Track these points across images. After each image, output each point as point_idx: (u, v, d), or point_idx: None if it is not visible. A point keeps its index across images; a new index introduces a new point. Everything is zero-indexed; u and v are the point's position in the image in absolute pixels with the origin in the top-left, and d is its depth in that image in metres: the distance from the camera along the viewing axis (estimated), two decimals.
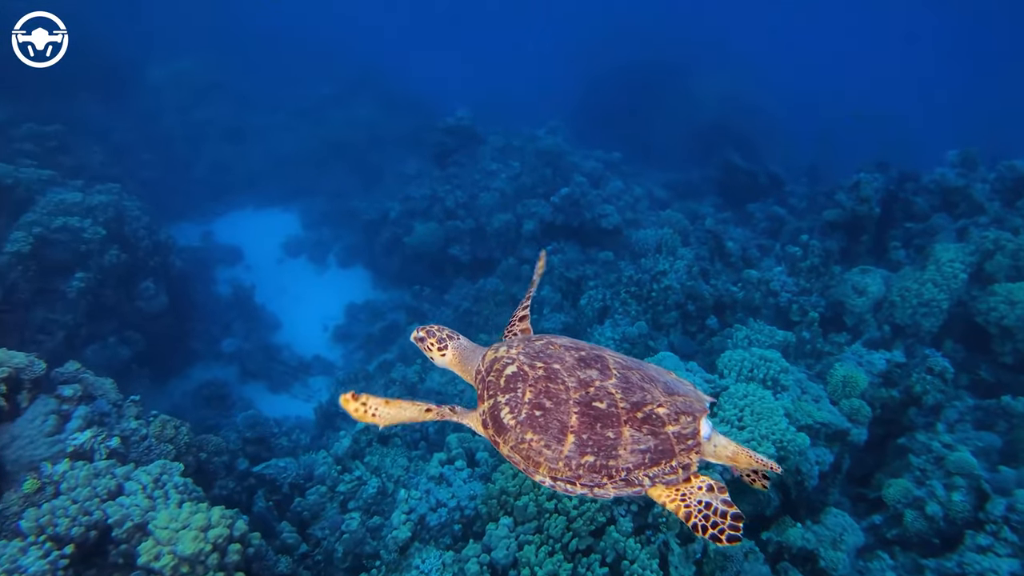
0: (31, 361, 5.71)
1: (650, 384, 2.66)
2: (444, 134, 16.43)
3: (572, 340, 2.92)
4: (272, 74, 23.88)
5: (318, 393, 13.78)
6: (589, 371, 2.65)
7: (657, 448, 2.48)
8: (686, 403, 2.63)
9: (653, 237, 12.28)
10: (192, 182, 19.44)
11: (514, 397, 2.64)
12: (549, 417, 2.54)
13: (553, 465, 2.51)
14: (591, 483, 2.49)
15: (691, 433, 2.55)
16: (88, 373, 6.56)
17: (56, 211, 11.35)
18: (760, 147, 21.28)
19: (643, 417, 2.52)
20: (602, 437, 2.48)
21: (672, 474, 2.49)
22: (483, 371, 2.89)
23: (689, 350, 10.84)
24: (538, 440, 2.53)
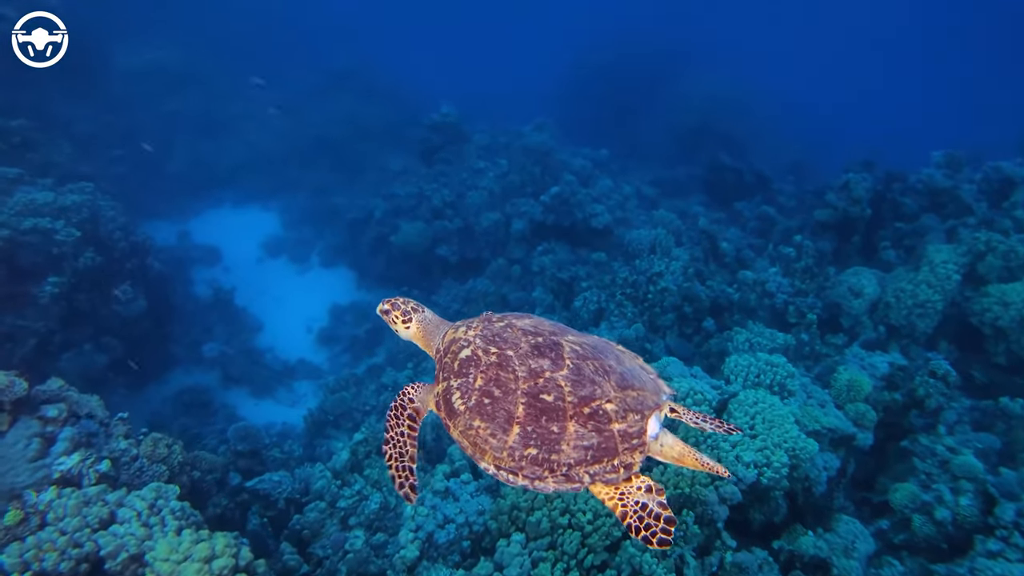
0: (11, 381, 5.32)
1: (603, 377, 2.57)
2: (429, 131, 16.08)
3: (535, 322, 2.83)
4: (247, 66, 23.13)
5: (303, 398, 13.45)
6: (541, 360, 2.59)
7: (600, 446, 2.44)
8: (638, 399, 2.56)
9: (647, 238, 12.16)
10: (166, 178, 18.77)
11: (466, 382, 2.63)
12: (497, 406, 2.52)
13: (497, 454, 2.50)
14: (532, 475, 2.46)
15: (637, 432, 2.49)
16: (72, 391, 6.17)
17: (25, 212, 10.79)
18: (744, 145, 21.35)
19: (589, 413, 2.46)
20: (546, 431, 2.45)
21: (613, 473, 2.44)
22: (442, 351, 2.88)
23: (686, 352, 10.75)
24: (485, 428, 2.52)
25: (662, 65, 25.86)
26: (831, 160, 21.25)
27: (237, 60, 22.88)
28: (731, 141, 21.36)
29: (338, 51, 25.56)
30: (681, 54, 27.58)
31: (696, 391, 7.11)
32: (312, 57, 24.81)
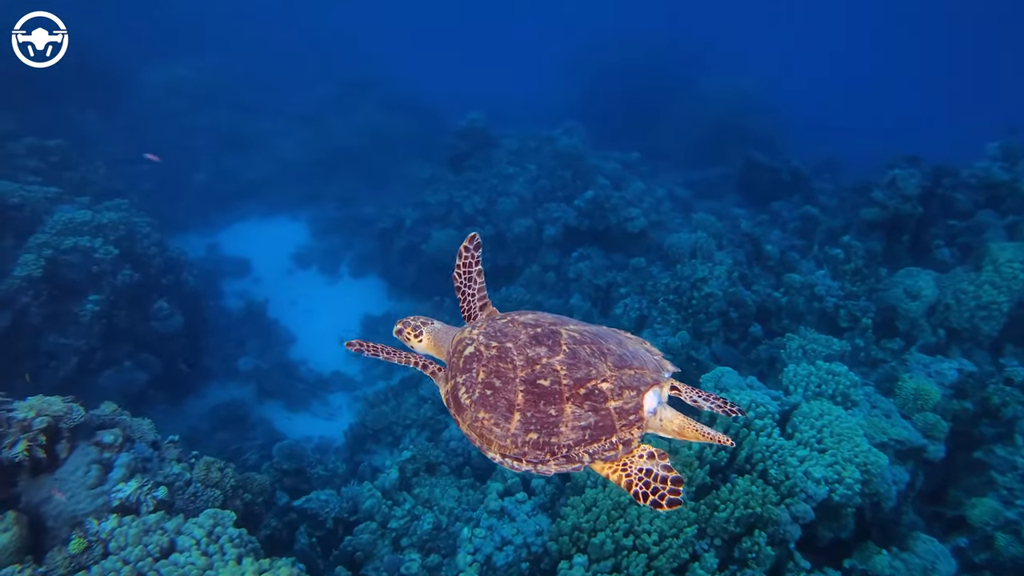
0: (69, 408, 5.21)
1: (599, 358, 2.62)
2: (457, 137, 15.92)
3: (537, 316, 2.90)
4: (270, 78, 23.22)
5: (339, 411, 13.33)
6: (538, 348, 2.64)
7: (597, 424, 2.48)
8: (634, 377, 2.59)
9: (687, 242, 11.89)
10: (193, 192, 18.83)
11: (470, 377, 2.71)
12: (498, 396, 2.59)
13: (502, 443, 2.56)
14: (535, 460, 2.52)
15: (633, 408, 2.52)
16: (125, 414, 6.07)
17: (66, 231, 10.80)
18: (771, 142, 20.91)
19: (585, 393, 2.51)
20: (545, 415, 2.50)
21: (612, 450, 2.47)
22: (450, 352, 2.97)
23: (732, 359, 10.46)
24: (489, 418, 2.59)
25: (682, 62, 25.56)
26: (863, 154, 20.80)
27: (259, 73, 22.98)
28: (758, 139, 20.94)
29: (355, 61, 25.59)
30: (700, 51, 27.31)
31: (757, 403, 6.83)
32: (330, 68, 24.83)
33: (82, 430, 5.43)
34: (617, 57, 25.33)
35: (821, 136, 23.07)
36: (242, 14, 26.78)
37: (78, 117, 16.65)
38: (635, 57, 25.15)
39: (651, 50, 25.50)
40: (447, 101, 22.59)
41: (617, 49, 25.88)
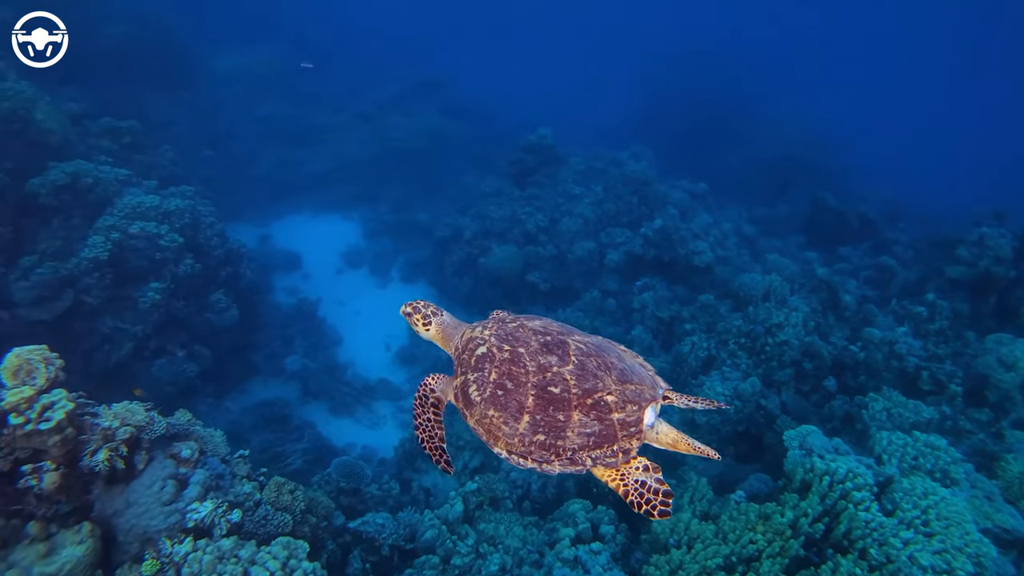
0: (151, 418, 4.98)
1: (605, 372, 2.80)
2: (524, 152, 15.62)
3: (545, 323, 3.07)
4: (336, 72, 23.22)
5: (383, 420, 13.08)
6: (550, 357, 2.82)
7: (601, 433, 2.66)
8: (636, 392, 2.78)
9: (760, 284, 11.42)
10: (250, 181, 18.79)
11: (481, 376, 2.86)
12: (509, 397, 2.76)
13: (510, 440, 2.73)
14: (540, 459, 2.70)
15: (635, 421, 2.71)
16: (198, 424, 5.83)
17: (133, 215, 10.72)
18: (833, 180, 20.31)
19: (592, 403, 2.69)
20: (553, 419, 2.68)
21: (612, 457, 2.67)
22: (460, 348, 3.11)
23: (803, 412, 9.97)
24: (498, 417, 2.76)
25: (748, 91, 25.00)
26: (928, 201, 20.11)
27: (325, 66, 22.98)
28: (822, 175, 20.40)
29: (419, 63, 25.48)
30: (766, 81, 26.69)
31: (855, 473, 6.37)
32: (395, 67, 24.73)
33: (159, 440, 5.19)
34: (683, 79, 24.92)
35: (884, 177, 22.35)
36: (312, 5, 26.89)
37: (150, 100, 16.70)
38: (700, 81, 24.70)
39: (717, 75, 25.03)
40: (509, 111, 22.42)
41: (684, 71, 25.49)
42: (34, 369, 4.54)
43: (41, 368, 4.54)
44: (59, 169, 10.49)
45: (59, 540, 4.60)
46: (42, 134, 11.05)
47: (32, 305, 10.02)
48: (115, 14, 17.63)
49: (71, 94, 14.32)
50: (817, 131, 22.44)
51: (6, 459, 4.47)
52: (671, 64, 27.08)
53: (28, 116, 10.79)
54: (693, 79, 25.27)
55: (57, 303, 10.23)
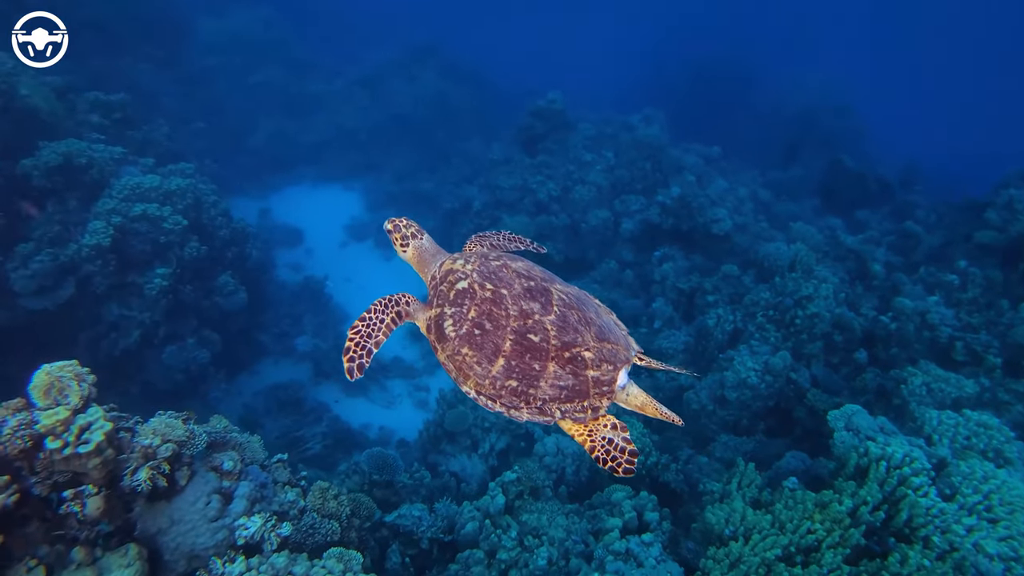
0: (192, 433, 4.64)
1: (585, 327, 2.78)
2: (533, 117, 15.02)
3: (528, 265, 3.00)
4: (330, 36, 22.24)
5: (399, 399, 12.84)
6: (532, 303, 2.77)
7: (574, 387, 2.68)
8: (612, 351, 2.79)
9: (786, 254, 11.13)
10: (246, 153, 18.13)
11: (459, 312, 2.80)
12: (486, 338, 2.71)
13: (480, 381, 2.72)
14: (509, 404, 2.70)
15: (608, 381, 2.72)
16: (235, 431, 5.50)
17: (133, 196, 10.19)
18: (847, 143, 19.91)
19: (569, 357, 2.69)
20: (528, 367, 2.67)
21: (582, 412, 2.69)
22: (438, 278, 3.02)
23: (833, 385, 9.80)
24: (472, 356, 2.73)
25: (759, 52, 24.33)
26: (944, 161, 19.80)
27: (318, 30, 22.00)
28: (832, 137, 19.98)
29: (420, 25, 24.46)
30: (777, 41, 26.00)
31: (912, 458, 6.18)
32: (394, 30, 23.69)
33: (200, 452, 4.87)
34: (693, 42, 24.14)
35: (897, 138, 21.98)
36: None
37: (134, 70, 15.86)
38: (711, 44, 23.97)
39: (728, 37, 24.32)
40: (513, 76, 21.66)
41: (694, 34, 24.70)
42: (66, 387, 4.18)
43: (74, 386, 4.18)
44: (50, 149, 9.89)
45: (105, 564, 4.30)
46: (28, 111, 10.39)
47: (33, 295, 9.56)
48: None
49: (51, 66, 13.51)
50: (827, 92, 21.86)
51: (45, 483, 4.14)
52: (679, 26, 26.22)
53: (12, 91, 10.12)
54: (701, 41, 24.53)
55: (59, 292, 9.77)
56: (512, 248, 3.71)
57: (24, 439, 4.00)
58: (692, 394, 10.27)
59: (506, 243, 3.72)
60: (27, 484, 4.09)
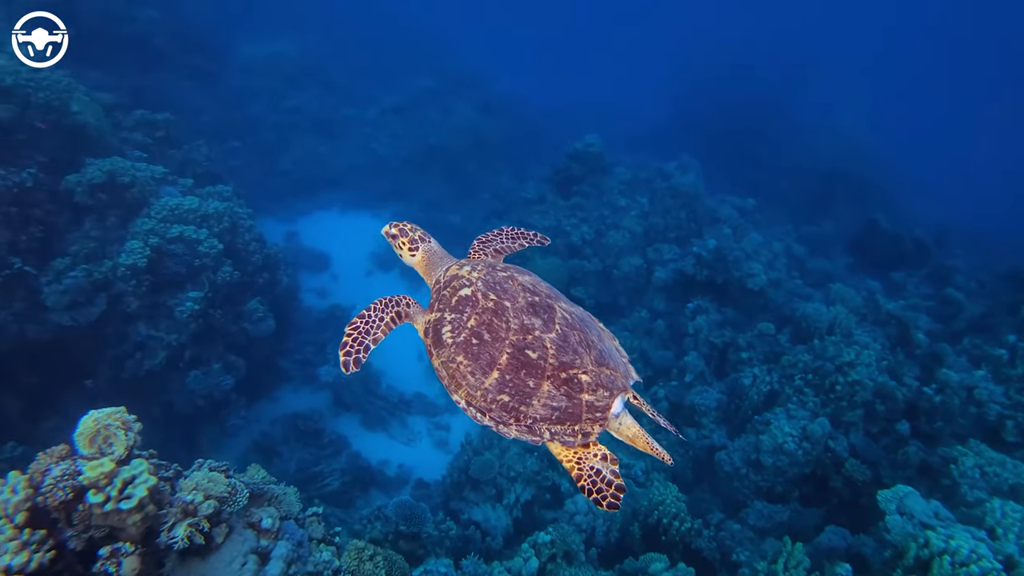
0: (234, 488, 4.43)
1: (585, 349, 2.72)
2: (570, 159, 14.98)
3: (534, 280, 2.95)
4: (367, 64, 22.46)
5: (418, 436, 12.56)
6: (534, 319, 2.72)
7: (567, 410, 2.60)
8: (610, 378, 2.72)
9: (825, 316, 10.90)
10: (277, 175, 18.15)
11: (459, 319, 2.76)
12: (483, 349, 2.67)
13: (472, 392, 2.66)
14: (499, 419, 2.63)
15: (603, 407, 2.66)
16: (272, 482, 5.29)
17: (172, 218, 10.14)
18: (879, 197, 19.76)
19: (566, 378, 2.62)
20: (523, 383, 2.61)
21: (572, 436, 2.62)
22: (442, 283, 2.99)
23: (873, 456, 9.47)
24: (466, 365, 2.68)
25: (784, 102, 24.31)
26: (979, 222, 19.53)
27: (356, 58, 22.24)
28: (865, 191, 19.81)
29: (454, 57, 24.68)
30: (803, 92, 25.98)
31: (979, 555, 5.85)
32: (429, 61, 23.89)
33: None
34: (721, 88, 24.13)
35: (928, 195, 21.77)
36: None
37: (175, 87, 16.01)
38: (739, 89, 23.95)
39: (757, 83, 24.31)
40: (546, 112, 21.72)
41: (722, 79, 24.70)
42: (112, 435, 3.99)
43: (120, 435, 3.99)
44: (96, 166, 9.90)
45: None
46: (77, 127, 10.42)
47: (64, 310, 9.46)
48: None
49: (97, 79, 13.68)
50: (859, 144, 21.75)
51: (81, 538, 3.93)
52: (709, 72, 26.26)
53: (64, 107, 10.17)
54: (731, 87, 24.52)
55: (90, 309, 9.68)
56: (517, 246, 3.63)
57: (66, 490, 3.80)
58: (724, 455, 9.97)
59: (510, 242, 3.63)
60: (63, 538, 3.89)
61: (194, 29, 17.74)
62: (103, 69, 14.23)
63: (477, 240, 3.65)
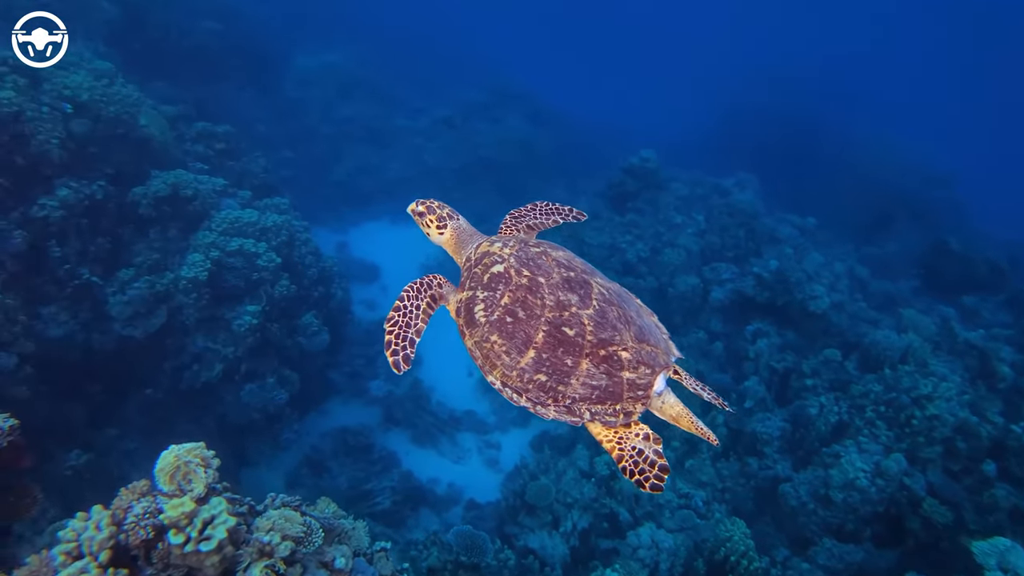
0: (309, 528, 4.29)
1: (624, 325, 2.62)
2: (625, 175, 14.69)
3: (569, 256, 2.87)
4: (418, 76, 22.57)
5: (468, 454, 12.40)
6: (570, 295, 2.63)
7: (607, 388, 2.52)
8: (651, 354, 2.62)
9: (897, 344, 10.38)
10: (329, 184, 18.30)
11: (492, 296, 2.68)
12: (518, 327, 2.58)
13: (507, 372, 2.58)
14: (536, 400, 2.55)
15: (644, 385, 2.56)
16: (342, 515, 5.14)
17: (232, 231, 10.20)
18: (941, 218, 18.94)
19: (605, 355, 2.53)
20: (560, 362, 2.52)
21: (613, 416, 2.53)
22: (473, 260, 2.91)
23: (953, 496, 8.94)
24: (501, 344, 2.59)
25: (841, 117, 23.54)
26: None
27: (403, 69, 22.36)
28: (930, 210, 19.00)
29: (504, 68, 24.65)
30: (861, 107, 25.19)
31: None
32: (480, 73, 23.89)
33: None
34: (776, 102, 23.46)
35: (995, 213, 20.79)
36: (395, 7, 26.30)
37: (233, 97, 16.28)
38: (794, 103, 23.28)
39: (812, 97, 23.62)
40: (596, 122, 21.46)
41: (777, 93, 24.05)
42: (192, 472, 3.89)
43: (200, 472, 3.89)
44: (160, 179, 10.03)
45: None
46: (143, 140, 10.59)
47: (127, 321, 9.59)
48: (200, 9, 17.26)
49: (162, 90, 13.97)
50: (923, 158, 20.90)
51: None
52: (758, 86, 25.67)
53: (132, 121, 10.34)
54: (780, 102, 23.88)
55: (152, 320, 9.79)
56: (551, 222, 3.51)
57: (148, 529, 3.72)
58: (789, 488, 9.55)
59: (544, 217, 3.51)
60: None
61: (252, 40, 18.02)
62: (167, 80, 14.54)
63: (509, 215, 3.53)
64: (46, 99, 9.19)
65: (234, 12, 18.12)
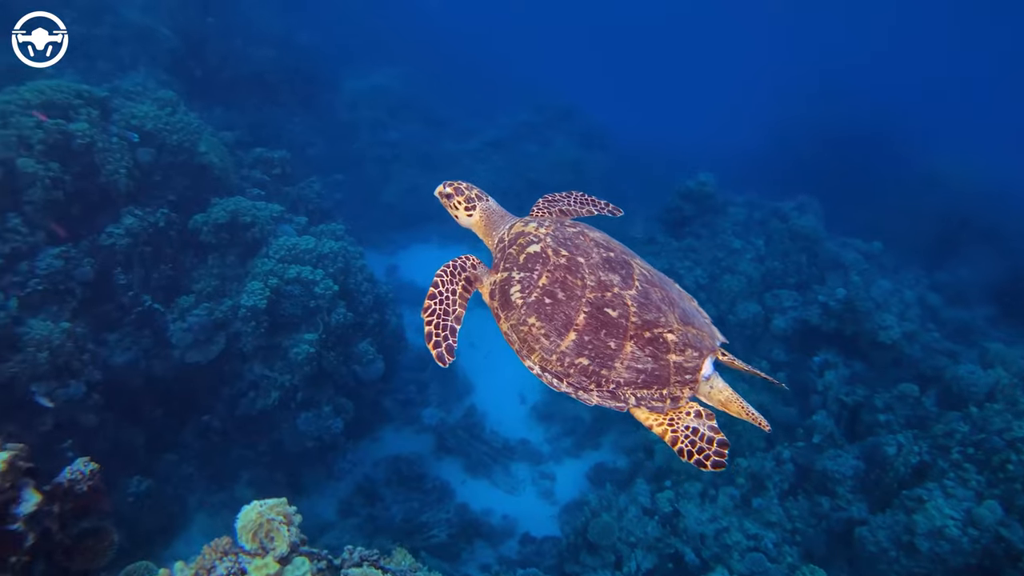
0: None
1: (668, 307, 2.53)
2: (681, 199, 14.35)
3: (606, 237, 2.76)
4: (466, 96, 22.66)
5: (521, 485, 12.10)
6: (612, 275, 2.52)
7: (653, 372, 2.43)
8: (697, 337, 2.54)
9: (983, 380, 9.76)
10: (379, 207, 18.35)
11: (528, 277, 2.57)
12: (557, 308, 2.48)
13: (547, 356, 2.48)
14: (578, 385, 2.47)
15: (692, 368, 2.47)
16: (419, 568, 4.93)
17: (289, 258, 10.19)
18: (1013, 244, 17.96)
19: (650, 338, 2.43)
20: (603, 344, 2.43)
21: (659, 401, 2.44)
22: (506, 241, 2.79)
23: None
24: (540, 327, 2.50)
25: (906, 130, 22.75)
26: None
27: (452, 91, 22.47)
28: (1001, 234, 18.04)
29: (552, 89, 24.59)
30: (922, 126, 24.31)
31: None
32: (530, 95, 23.86)
33: None
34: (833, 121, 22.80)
35: None
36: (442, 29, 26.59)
37: (286, 122, 16.50)
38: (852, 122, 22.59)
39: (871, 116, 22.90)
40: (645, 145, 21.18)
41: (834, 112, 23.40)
42: (274, 529, 3.72)
43: (283, 531, 3.72)
44: (220, 206, 10.13)
45: None
46: (203, 167, 10.72)
47: (187, 348, 9.64)
48: (256, 36, 17.61)
49: (220, 115, 14.25)
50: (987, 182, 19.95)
51: None
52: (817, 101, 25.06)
53: (193, 148, 10.49)
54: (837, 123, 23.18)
55: (211, 347, 9.85)
56: (585, 211, 3.41)
57: None
58: (867, 532, 8.99)
59: (578, 206, 3.41)
60: None
61: (305, 65, 18.30)
62: (224, 106, 14.82)
63: (542, 198, 3.46)
64: (115, 129, 9.37)
65: (287, 38, 18.45)
